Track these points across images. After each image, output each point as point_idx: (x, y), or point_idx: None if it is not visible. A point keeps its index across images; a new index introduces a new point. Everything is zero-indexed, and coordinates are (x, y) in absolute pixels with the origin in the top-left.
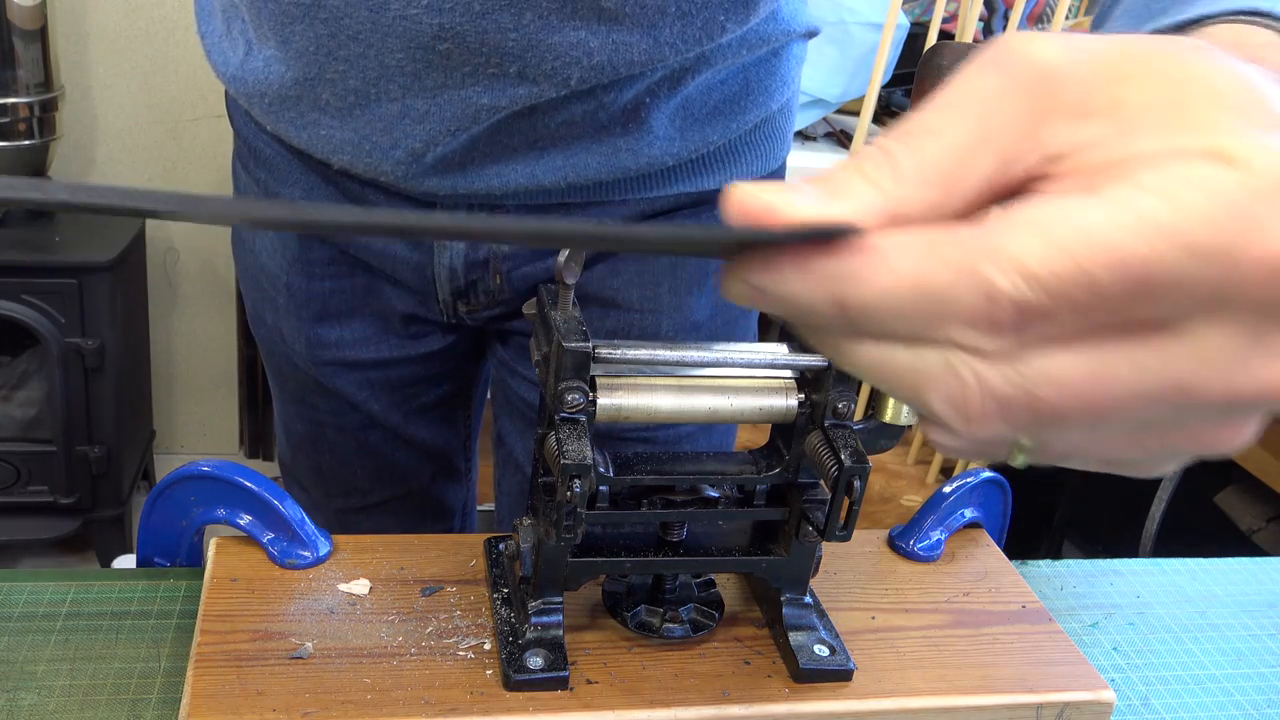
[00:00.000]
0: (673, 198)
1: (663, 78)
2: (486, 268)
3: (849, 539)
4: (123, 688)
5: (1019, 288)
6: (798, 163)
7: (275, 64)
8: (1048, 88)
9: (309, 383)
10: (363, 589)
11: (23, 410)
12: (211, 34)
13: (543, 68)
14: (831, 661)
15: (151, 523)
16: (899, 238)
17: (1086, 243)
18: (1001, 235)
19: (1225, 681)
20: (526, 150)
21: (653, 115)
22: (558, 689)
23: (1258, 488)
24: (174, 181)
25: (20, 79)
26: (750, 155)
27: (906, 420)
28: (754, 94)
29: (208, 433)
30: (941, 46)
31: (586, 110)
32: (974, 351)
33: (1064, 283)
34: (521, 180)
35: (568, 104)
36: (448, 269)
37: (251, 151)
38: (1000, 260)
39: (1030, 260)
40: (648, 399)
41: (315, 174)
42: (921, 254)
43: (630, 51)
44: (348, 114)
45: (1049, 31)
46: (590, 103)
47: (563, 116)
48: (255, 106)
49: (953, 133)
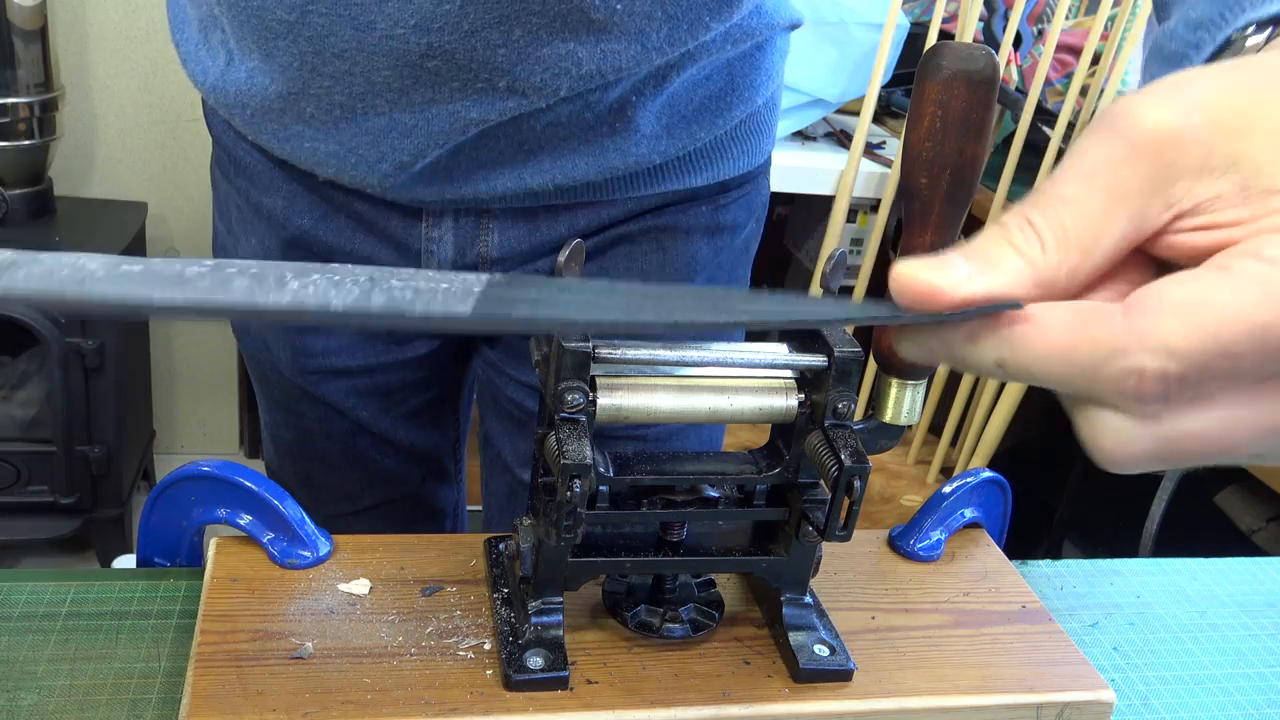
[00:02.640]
0: (660, 195)
1: (648, 77)
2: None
3: (849, 539)
4: (123, 688)
5: (1166, 364)
6: (797, 162)
7: (259, 76)
8: (1168, 151)
9: (295, 391)
10: (363, 589)
11: (23, 410)
12: (187, 43)
13: (532, 80)
14: (831, 661)
15: (151, 523)
16: (1053, 312)
17: (1222, 319)
18: (1145, 318)
19: (1225, 681)
20: (514, 156)
21: (639, 115)
22: (558, 689)
23: (1258, 488)
24: (174, 181)
25: (20, 79)
26: (736, 150)
27: (906, 420)
28: (739, 89)
29: (208, 433)
30: (941, 46)
31: (573, 113)
32: (1125, 411)
33: (1208, 355)
34: (509, 185)
35: (554, 109)
36: None
37: (232, 159)
38: (1148, 342)
39: (1175, 339)
40: (648, 399)
41: (298, 183)
42: (1074, 329)
43: (619, 58)
44: (333, 127)
45: (1048, 30)
46: (577, 105)
47: (549, 120)
48: (236, 117)
49: (1086, 201)
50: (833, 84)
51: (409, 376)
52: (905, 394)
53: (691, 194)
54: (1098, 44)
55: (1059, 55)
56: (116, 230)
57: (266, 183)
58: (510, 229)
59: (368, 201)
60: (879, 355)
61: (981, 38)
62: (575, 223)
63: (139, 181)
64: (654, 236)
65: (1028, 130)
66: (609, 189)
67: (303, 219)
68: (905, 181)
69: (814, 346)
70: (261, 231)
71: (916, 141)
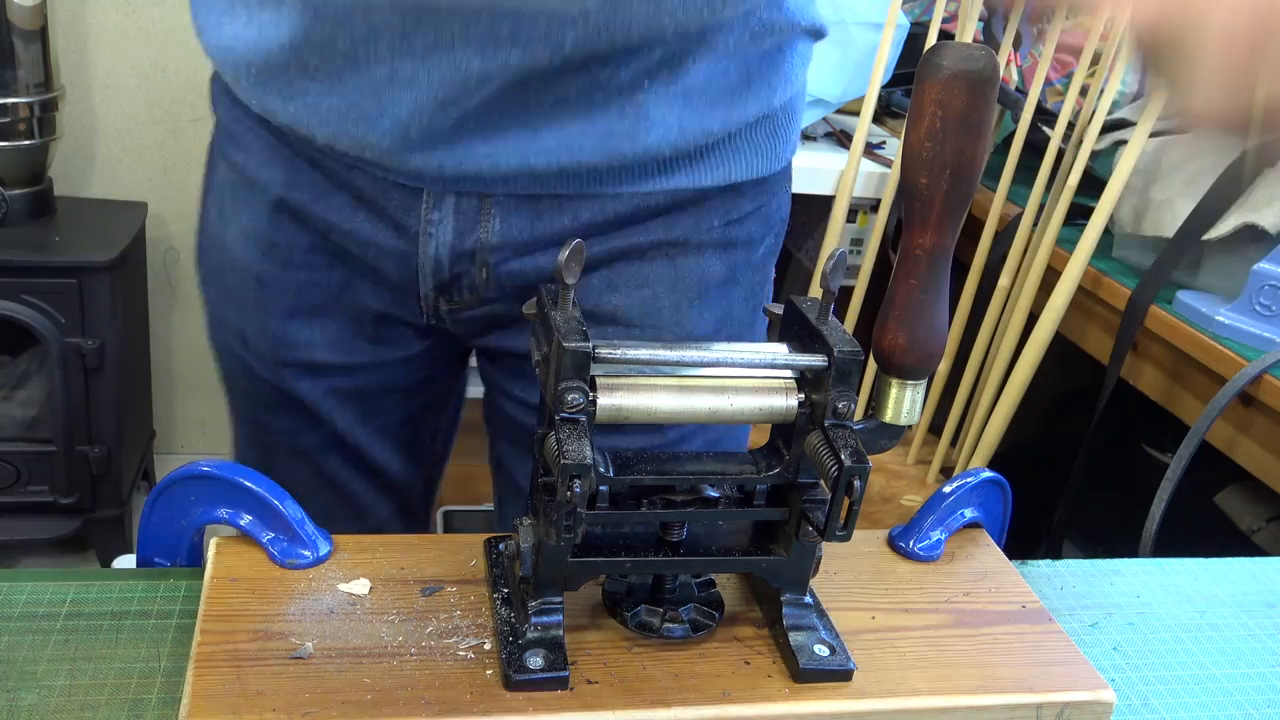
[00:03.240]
0: (670, 194)
1: (661, 60)
2: (472, 260)
3: (849, 539)
4: (123, 688)
5: None
6: (798, 162)
7: (268, 29)
8: None
9: (266, 395)
10: (363, 589)
11: (23, 410)
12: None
13: (536, 29)
14: (831, 661)
15: (151, 523)
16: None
17: None
18: None
19: (1225, 681)
20: (518, 129)
21: (650, 100)
22: (558, 689)
23: (1258, 488)
24: (174, 181)
25: (20, 79)
26: (750, 152)
27: (906, 420)
28: (755, 87)
29: (208, 433)
30: (941, 46)
31: (581, 87)
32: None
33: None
34: (512, 161)
35: (562, 78)
36: (433, 260)
37: (230, 136)
38: None
39: None
40: (648, 399)
41: (301, 157)
42: None
43: (629, 14)
44: (335, 79)
45: (1048, 30)
46: (585, 79)
47: (557, 92)
48: (242, 79)
49: None
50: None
51: (394, 380)
52: (905, 394)
53: (702, 195)
54: (1098, 44)
55: (1059, 55)
56: (116, 230)
57: (264, 157)
58: (512, 215)
59: (369, 178)
60: (879, 355)
61: (981, 38)
62: (579, 215)
63: (139, 181)
64: (664, 251)
65: (1028, 130)
66: (615, 178)
67: (301, 193)
68: (905, 181)
69: (814, 346)
70: (254, 205)
71: (916, 141)
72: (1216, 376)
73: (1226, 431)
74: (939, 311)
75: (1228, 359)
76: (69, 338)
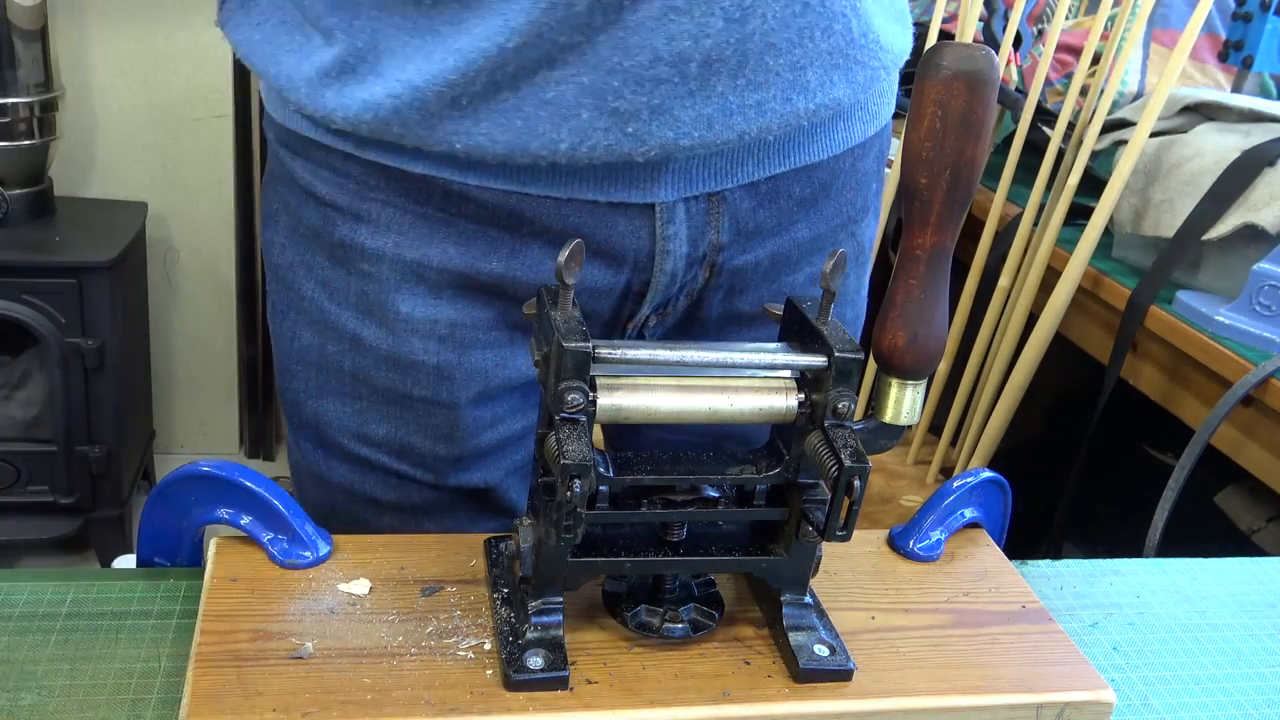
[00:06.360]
0: (847, 153)
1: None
2: (701, 262)
3: (849, 539)
4: (123, 688)
5: None
6: None
7: (480, 37)
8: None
9: (434, 500)
10: (363, 589)
11: (23, 410)
12: (307, 82)
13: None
14: (831, 661)
15: (151, 523)
16: None
17: None
18: None
19: (1225, 681)
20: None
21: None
22: (558, 689)
23: (1258, 488)
24: (174, 181)
25: (20, 79)
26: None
27: (906, 420)
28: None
29: (208, 433)
30: (941, 46)
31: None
32: None
33: None
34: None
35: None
36: (668, 275)
37: (342, 212)
38: None
39: None
40: (648, 399)
41: (467, 220)
42: None
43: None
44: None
45: (1048, 30)
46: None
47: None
48: (393, 130)
49: None
50: None
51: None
52: (905, 394)
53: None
54: (1098, 44)
55: (1059, 55)
56: (116, 230)
57: (423, 233)
58: (739, 205)
59: (583, 212)
60: (879, 355)
61: (981, 38)
62: (791, 191)
63: (139, 181)
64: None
65: (1028, 130)
66: (810, 143)
67: (490, 263)
68: (905, 181)
69: (814, 346)
70: (414, 287)
71: (916, 141)
72: (1216, 376)
73: (1229, 433)
74: (939, 312)
75: (1228, 359)
76: (69, 338)
